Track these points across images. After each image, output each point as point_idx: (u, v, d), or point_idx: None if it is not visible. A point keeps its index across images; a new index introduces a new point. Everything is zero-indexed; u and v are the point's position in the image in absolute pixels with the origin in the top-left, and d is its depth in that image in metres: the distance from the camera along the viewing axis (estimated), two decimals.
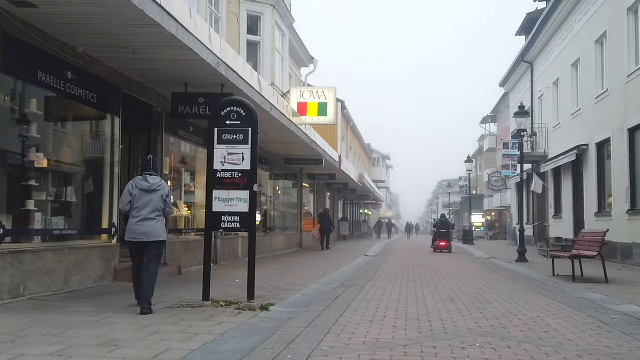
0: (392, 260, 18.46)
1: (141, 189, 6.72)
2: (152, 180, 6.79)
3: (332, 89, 18.08)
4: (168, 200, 6.89)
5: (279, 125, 14.27)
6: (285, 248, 22.27)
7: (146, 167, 6.97)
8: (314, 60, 25.40)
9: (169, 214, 7.07)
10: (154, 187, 6.76)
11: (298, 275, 11.96)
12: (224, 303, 7.14)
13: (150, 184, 6.76)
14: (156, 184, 6.79)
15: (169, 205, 6.91)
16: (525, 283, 10.92)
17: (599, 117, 18.45)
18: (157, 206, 6.73)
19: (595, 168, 18.84)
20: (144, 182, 6.76)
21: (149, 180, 6.77)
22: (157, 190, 6.76)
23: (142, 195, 6.70)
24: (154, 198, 6.72)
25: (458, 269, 14.55)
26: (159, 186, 6.81)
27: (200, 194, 13.98)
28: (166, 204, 6.85)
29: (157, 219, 6.73)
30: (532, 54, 27.11)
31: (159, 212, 6.77)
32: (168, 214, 7.07)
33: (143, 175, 6.87)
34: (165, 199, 6.83)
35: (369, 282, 10.87)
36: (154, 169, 6.98)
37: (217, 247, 14.23)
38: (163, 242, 6.86)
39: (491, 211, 53.82)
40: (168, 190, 7.00)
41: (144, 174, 6.87)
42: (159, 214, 6.77)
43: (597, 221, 18.48)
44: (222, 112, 7.23)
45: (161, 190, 6.80)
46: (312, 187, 29.68)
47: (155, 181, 6.81)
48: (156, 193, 6.75)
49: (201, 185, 14.07)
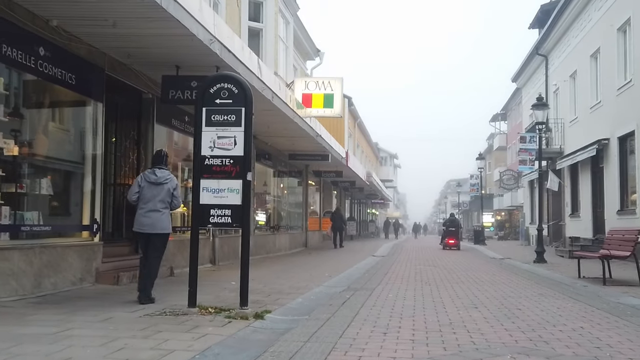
0: (401, 260, 17.45)
1: (149, 181, 6.87)
2: (160, 173, 6.90)
3: (338, 80, 17.13)
4: (175, 193, 6.98)
5: (282, 117, 13.29)
6: (290, 248, 21.30)
7: (156, 160, 7.14)
8: (320, 52, 24.41)
9: (176, 207, 7.16)
10: (161, 180, 6.87)
11: (302, 276, 11.00)
12: (212, 310, 6.16)
13: (158, 177, 6.88)
14: (164, 177, 6.89)
15: (176, 198, 7.00)
16: (552, 286, 9.89)
17: (621, 109, 17.37)
18: (163, 199, 6.86)
19: (617, 163, 17.76)
20: (152, 175, 6.91)
21: (157, 174, 6.89)
22: (164, 183, 6.87)
23: (150, 187, 6.84)
24: (161, 191, 6.84)
25: (474, 270, 13.54)
26: (167, 179, 6.90)
27: None
28: (173, 197, 6.95)
29: (162, 212, 6.84)
30: (546, 47, 26.02)
31: (166, 204, 6.89)
32: (175, 207, 7.18)
33: (152, 169, 7.02)
34: (172, 192, 6.93)
35: (379, 284, 9.87)
36: (165, 162, 7.09)
37: (216, 246, 13.28)
38: (167, 234, 6.99)
39: (501, 211, 52.69)
40: (176, 184, 7.08)
41: (154, 167, 7.02)
42: (165, 207, 6.89)
43: (619, 219, 17.40)
44: (211, 90, 6.25)
45: (169, 184, 6.90)
46: (318, 185, 28.70)
47: (163, 174, 6.92)
48: (164, 186, 6.86)
49: None
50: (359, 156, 43.76)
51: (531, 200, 31.54)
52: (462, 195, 63.04)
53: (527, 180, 31.70)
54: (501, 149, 53.34)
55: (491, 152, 57.21)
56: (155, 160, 7.16)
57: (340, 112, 16.76)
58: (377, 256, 19.53)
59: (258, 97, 11.16)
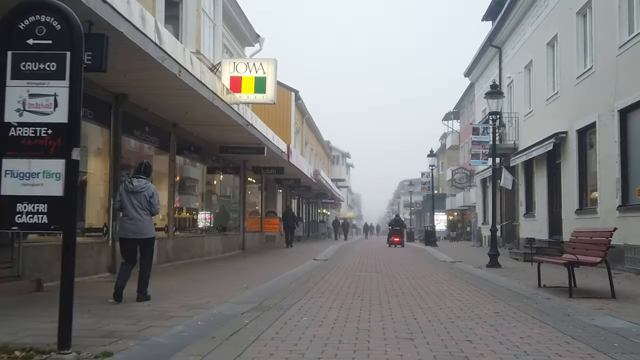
0: (342, 265, 15.62)
1: (127, 190, 7.44)
2: (136, 182, 7.45)
3: (272, 61, 15.20)
4: (152, 200, 7.48)
5: (199, 100, 11.27)
6: (223, 251, 19.20)
7: (138, 170, 7.70)
8: (260, 38, 22.37)
9: (155, 212, 7.63)
10: (137, 188, 7.42)
11: (214, 288, 9.03)
12: (19, 354, 4.11)
13: (134, 186, 7.44)
14: (140, 186, 7.43)
15: (154, 205, 7.51)
16: (510, 299, 8.18)
17: (580, 99, 16.00)
18: (143, 206, 7.40)
19: (575, 158, 16.39)
20: (129, 184, 7.48)
21: (134, 183, 7.44)
22: (141, 192, 7.41)
23: (128, 196, 7.41)
24: (140, 198, 7.38)
25: (420, 277, 11.79)
26: (143, 188, 7.43)
27: (93, 184, 10.90)
28: (151, 205, 7.46)
29: (144, 218, 7.40)
30: (500, 38, 24.70)
31: (146, 211, 7.43)
32: (154, 213, 7.64)
33: (131, 178, 7.61)
34: (149, 200, 7.44)
35: (301, 299, 7.95)
36: (144, 172, 7.62)
37: (116, 251, 11.11)
38: (152, 238, 7.61)
39: (453, 211, 51.72)
40: (152, 192, 7.53)
41: (132, 177, 7.62)
42: (146, 213, 7.44)
43: (578, 219, 16.03)
44: (21, 24, 4.19)
45: (146, 191, 7.45)
46: (259, 184, 26.66)
47: (140, 183, 7.46)
48: (141, 194, 7.40)
49: (97, 171, 10.98)
50: (309, 154, 41.87)
51: (484, 200, 30.29)
52: (415, 195, 61.94)
53: (479, 179, 30.44)
54: (454, 148, 52.37)
55: (444, 151, 56.28)
56: (136, 170, 7.73)
57: (273, 97, 14.81)
58: (319, 260, 17.68)
59: (160, 70, 9.14)
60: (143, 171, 7.63)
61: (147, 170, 7.73)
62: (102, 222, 10.94)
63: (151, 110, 12.59)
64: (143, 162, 7.87)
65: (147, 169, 7.75)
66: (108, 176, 11.07)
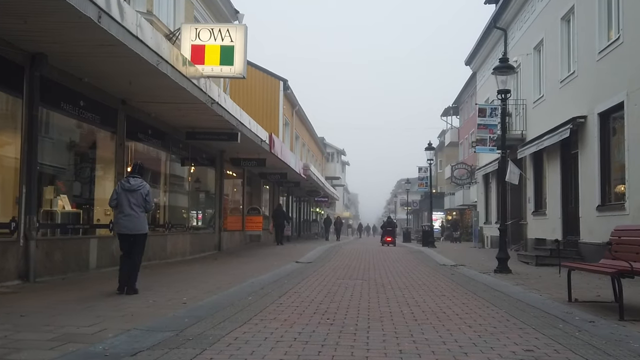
0: (325, 270, 13.30)
1: (124, 188, 7.97)
2: (133, 181, 8.00)
3: (241, 27, 12.90)
4: (147, 198, 8.01)
5: (138, 62, 8.92)
6: (193, 252, 16.84)
7: (132, 170, 8.33)
8: (239, 14, 20.02)
9: (149, 210, 8.20)
10: (135, 187, 7.95)
11: (139, 304, 6.77)
12: None
13: (131, 185, 7.97)
14: (136, 185, 7.98)
15: (149, 203, 8.06)
16: (539, 323, 5.85)
17: (604, 77, 13.70)
18: (138, 203, 7.94)
19: (597, 146, 14.09)
20: (126, 183, 8.03)
21: (131, 182, 8.00)
22: (137, 190, 7.95)
23: (125, 194, 7.93)
24: (135, 196, 7.93)
25: (415, 287, 9.47)
26: (139, 186, 7.98)
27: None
28: (146, 202, 8.01)
29: (139, 214, 7.96)
30: (505, 18, 22.41)
31: (141, 208, 7.98)
32: (149, 210, 8.21)
33: (127, 177, 8.25)
34: (145, 197, 7.98)
35: (242, 325, 5.60)
36: (138, 172, 8.20)
37: (30, 252, 8.78)
38: (145, 234, 8.15)
39: (452, 210, 49.41)
40: (147, 190, 8.06)
41: (128, 177, 8.23)
42: (141, 210, 7.99)
43: (599, 217, 13.77)
44: None
45: (141, 190, 7.98)
46: (241, 178, 24.31)
47: (136, 182, 8.01)
48: (137, 192, 7.94)
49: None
50: (299, 149, 39.52)
51: (486, 197, 27.99)
52: (413, 194, 59.57)
53: (481, 175, 28.16)
54: (453, 145, 50.08)
55: (442, 149, 53.94)
56: (132, 171, 8.31)
57: (242, 70, 12.46)
58: (301, 262, 15.38)
59: (67, 11, 6.82)
60: (138, 171, 8.21)
61: (142, 170, 8.36)
62: (10, 216, 8.59)
63: (86, 80, 10.24)
64: (137, 162, 8.64)
65: (142, 169, 8.39)
66: (19, 158, 8.70)
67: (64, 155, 11.13)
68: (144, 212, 8.01)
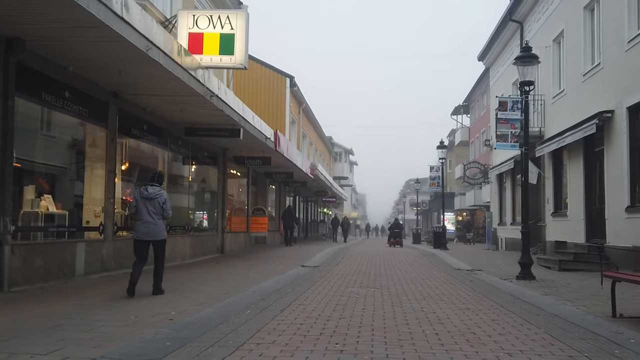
0: (333, 275, 12.36)
1: (142, 196, 8.20)
2: (151, 189, 8.25)
3: (242, 14, 11.98)
4: (165, 206, 8.27)
5: (125, 47, 8.03)
6: (193, 255, 15.94)
7: (150, 179, 8.54)
8: (242, 5, 19.10)
9: (167, 217, 8.45)
10: (152, 195, 8.19)
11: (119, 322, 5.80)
12: None
13: (149, 193, 8.21)
14: (154, 193, 8.23)
15: (166, 211, 8.31)
16: (589, 348, 4.90)
17: (634, 68, 12.68)
18: (156, 211, 8.17)
19: (626, 143, 13.06)
20: (145, 191, 8.26)
21: (149, 190, 8.23)
22: (155, 198, 8.19)
23: (143, 202, 8.16)
24: (153, 204, 8.16)
25: (434, 297, 8.51)
26: (157, 194, 8.23)
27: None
28: (164, 210, 8.26)
29: (157, 222, 8.18)
30: (522, 10, 21.39)
31: (159, 215, 8.21)
32: (167, 217, 8.46)
33: (145, 186, 8.36)
34: (162, 205, 8.23)
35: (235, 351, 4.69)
36: (157, 180, 8.50)
37: (4, 259, 7.88)
38: (164, 240, 8.41)
39: (462, 211, 48.33)
40: (165, 198, 8.33)
41: (147, 185, 8.38)
42: (159, 217, 8.22)
43: (629, 218, 12.75)
44: None
45: (159, 198, 8.23)
46: (245, 177, 23.39)
47: (154, 190, 8.27)
48: (155, 200, 8.17)
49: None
50: (307, 148, 38.58)
51: (500, 197, 26.93)
52: (422, 194, 58.47)
53: (495, 174, 27.08)
54: (463, 144, 48.99)
55: (452, 148, 52.81)
56: (150, 179, 8.54)
57: (243, 60, 11.53)
58: (308, 266, 14.51)
59: None
60: (156, 180, 8.48)
61: (160, 179, 8.69)
62: None
63: (71, 69, 9.34)
64: (157, 171, 9.06)
65: (160, 178, 8.72)
66: None
67: (49, 152, 10.26)
68: (161, 219, 8.24)
